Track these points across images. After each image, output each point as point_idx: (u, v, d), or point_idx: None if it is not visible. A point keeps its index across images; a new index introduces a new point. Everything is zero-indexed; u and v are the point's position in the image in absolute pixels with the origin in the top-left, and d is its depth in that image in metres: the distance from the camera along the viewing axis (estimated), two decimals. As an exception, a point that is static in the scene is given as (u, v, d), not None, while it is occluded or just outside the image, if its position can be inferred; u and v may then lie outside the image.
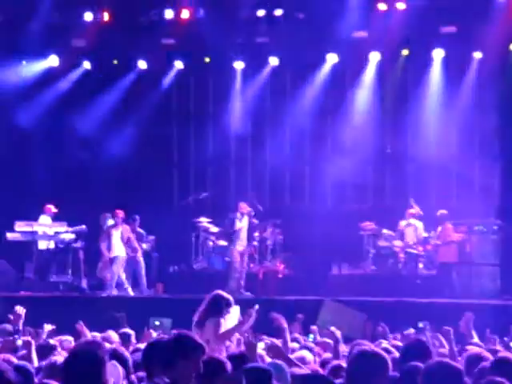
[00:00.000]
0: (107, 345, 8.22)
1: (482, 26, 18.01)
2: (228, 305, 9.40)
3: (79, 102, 20.60)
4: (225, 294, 9.54)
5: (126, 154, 20.59)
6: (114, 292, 17.81)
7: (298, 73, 20.90)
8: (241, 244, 17.90)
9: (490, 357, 7.09)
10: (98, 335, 9.86)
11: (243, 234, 17.97)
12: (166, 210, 20.24)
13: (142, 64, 20.95)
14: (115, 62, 21.06)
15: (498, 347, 8.93)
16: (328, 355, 8.55)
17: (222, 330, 9.19)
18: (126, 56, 20.68)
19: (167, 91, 21.51)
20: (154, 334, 9.94)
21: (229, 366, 5.77)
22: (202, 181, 21.66)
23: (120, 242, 17.98)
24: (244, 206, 18.05)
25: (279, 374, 6.18)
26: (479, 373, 6.36)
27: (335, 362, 7.03)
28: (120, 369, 6.45)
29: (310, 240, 19.02)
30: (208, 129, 21.85)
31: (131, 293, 17.90)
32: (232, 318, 9.55)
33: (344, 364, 6.66)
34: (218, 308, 9.34)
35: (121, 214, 18.20)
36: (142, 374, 6.41)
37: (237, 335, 9.13)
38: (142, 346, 7.78)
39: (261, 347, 9.40)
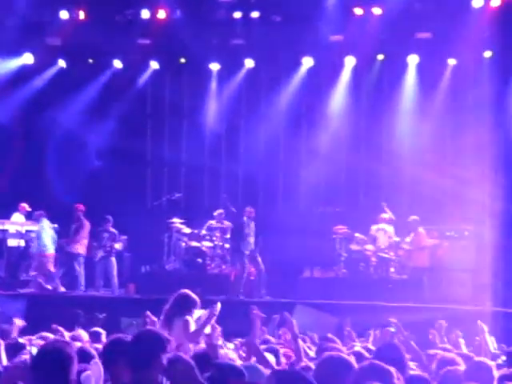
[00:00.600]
0: (77, 343, 8.20)
1: (457, 33, 18.15)
2: (195, 304, 9.39)
3: (53, 101, 20.51)
4: (192, 294, 9.51)
5: (100, 153, 20.54)
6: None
7: (273, 75, 20.94)
8: (249, 249, 17.95)
9: (461, 362, 7.15)
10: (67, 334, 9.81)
11: (252, 239, 18.03)
12: (139, 209, 20.21)
13: (118, 63, 20.90)
14: (90, 60, 21.00)
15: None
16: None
17: (192, 329, 9.18)
18: (101, 55, 20.60)
19: (142, 91, 21.48)
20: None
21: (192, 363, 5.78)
22: (175, 181, 21.62)
23: (74, 236, 18.10)
24: (251, 210, 18.11)
25: (255, 374, 6.18)
26: (451, 377, 6.40)
27: (302, 364, 7.04)
28: (101, 367, 6.42)
29: (283, 243, 19.04)
30: (182, 130, 21.85)
31: (62, 288, 17.96)
32: (200, 318, 9.54)
33: (311, 364, 6.68)
34: (186, 307, 9.33)
35: (80, 207, 18.22)
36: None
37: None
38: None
39: (231, 347, 9.43)
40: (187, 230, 19.06)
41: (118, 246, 18.65)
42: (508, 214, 17.53)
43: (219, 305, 9.06)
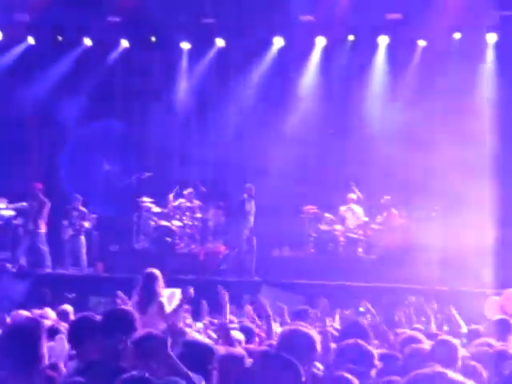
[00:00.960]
0: (46, 322, 8.18)
1: (427, 14, 18.22)
2: (159, 279, 9.35)
3: (22, 78, 20.34)
4: (157, 272, 9.48)
5: (69, 131, 20.44)
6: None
7: (244, 55, 20.87)
8: (248, 227, 17.99)
9: (424, 339, 7.24)
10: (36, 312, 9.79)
11: (252, 218, 18.07)
12: (108, 188, 20.14)
13: (87, 41, 20.76)
14: (60, 37, 20.83)
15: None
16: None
17: (167, 310, 9.17)
18: (70, 32, 20.45)
19: (112, 69, 21.34)
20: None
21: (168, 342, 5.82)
22: (144, 160, 21.51)
23: (37, 215, 18.00)
24: (251, 187, 18.19)
25: None
26: (416, 355, 6.46)
27: (267, 342, 7.09)
28: (66, 343, 6.44)
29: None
30: (152, 109, 21.70)
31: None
32: (173, 298, 9.55)
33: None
34: (156, 287, 9.30)
35: (38, 186, 18.13)
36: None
37: None
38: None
39: (199, 327, 9.46)
40: (157, 209, 19.06)
41: (87, 224, 18.61)
42: (476, 195, 17.67)
43: (192, 290, 9.06)
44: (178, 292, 9.64)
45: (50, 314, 9.78)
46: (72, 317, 9.99)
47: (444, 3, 18.25)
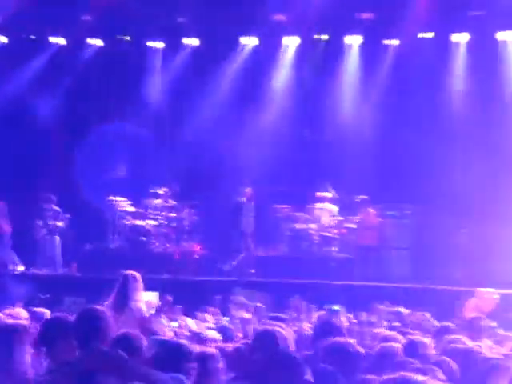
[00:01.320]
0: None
1: (399, 14, 18.31)
2: (139, 282, 9.32)
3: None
4: (134, 273, 9.42)
5: (43, 131, 20.35)
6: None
7: (217, 54, 20.86)
8: (250, 227, 18.21)
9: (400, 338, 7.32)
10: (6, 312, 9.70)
11: (250, 219, 18.10)
12: (83, 187, 20.09)
13: (61, 40, 20.69)
14: (32, 36, 20.75)
15: None
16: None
17: (145, 313, 9.15)
18: (43, 31, 20.37)
19: (85, 68, 21.24)
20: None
21: (145, 342, 5.85)
22: (119, 159, 21.47)
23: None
24: (248, 191, 18.27)
25: None
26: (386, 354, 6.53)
27: (242, 341, 7.13)
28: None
29: (227, 221, 19.13)
30: (126, 108, 21.65)
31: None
32: (151, 304, 9.56)
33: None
34: (132, 290, 9.24)
35: None
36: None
37: None
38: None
39: (175, 326, 9.50)
40: (131, 209, 19.04)
41: (61, 224, 18.56)
42: (450, 192, 17.82)
43: (170, 297, 9.08)
44: (155, 296, 9.63)
45: (22, 313, 9.68)
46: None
47: (416, 2, 18.35)
